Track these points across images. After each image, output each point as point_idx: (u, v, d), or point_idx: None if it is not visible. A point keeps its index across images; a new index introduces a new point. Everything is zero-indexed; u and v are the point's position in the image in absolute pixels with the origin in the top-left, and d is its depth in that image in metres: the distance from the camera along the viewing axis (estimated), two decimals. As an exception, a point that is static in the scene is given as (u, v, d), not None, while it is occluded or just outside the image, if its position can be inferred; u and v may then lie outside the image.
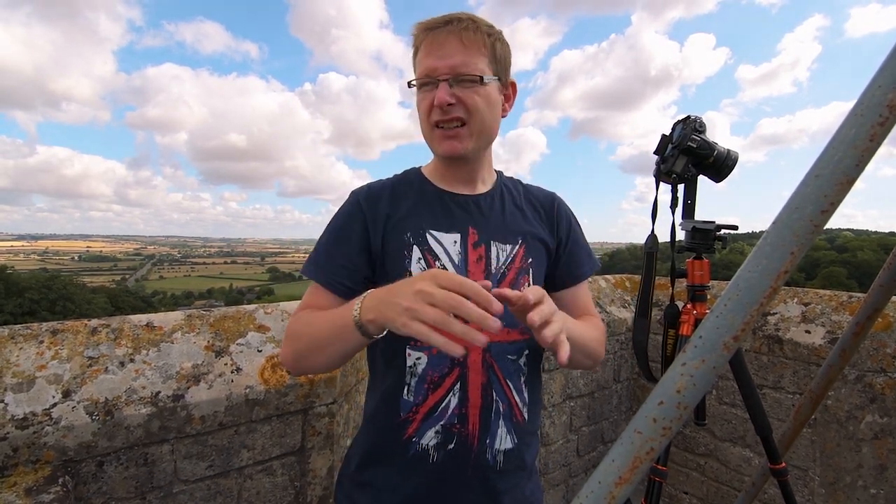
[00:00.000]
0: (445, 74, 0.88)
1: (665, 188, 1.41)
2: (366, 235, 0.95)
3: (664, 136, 1.39)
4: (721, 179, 1.40)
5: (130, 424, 1.21)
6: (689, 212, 1.41)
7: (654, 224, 1.40)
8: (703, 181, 1.41)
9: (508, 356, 0.92)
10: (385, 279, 0.93)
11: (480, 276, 0.92)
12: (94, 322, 1.38)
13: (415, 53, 0.95)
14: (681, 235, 1.43)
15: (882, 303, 1.06)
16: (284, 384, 1.44)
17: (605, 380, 2.72)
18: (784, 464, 1.34)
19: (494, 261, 0.94)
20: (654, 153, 1.40)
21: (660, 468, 1.28)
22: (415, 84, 0.93)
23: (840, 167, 0.40)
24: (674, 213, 1.41)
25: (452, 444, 0.87)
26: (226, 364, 1.41)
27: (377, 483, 0.92)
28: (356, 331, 0.76)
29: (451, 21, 0.89)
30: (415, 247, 0.93)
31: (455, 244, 0.94)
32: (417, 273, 0.91)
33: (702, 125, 1.35)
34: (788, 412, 2.12)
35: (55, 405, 1.16)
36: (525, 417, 0.94)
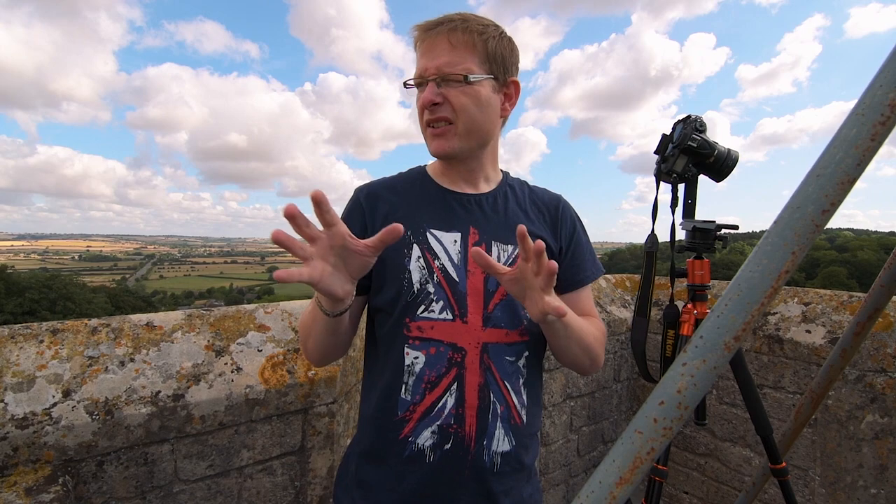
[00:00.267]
0: (433, 74, 0.90)
1: (665, 188, 1.41)
2: (364, 233, 0.95)
3: (664, 136, 1.38)
4: (721, 179, 1.40)
5: (130, 424, 1.21)
6: (690, 211, 1.41)
7: (655, 224, 1.39)
8: (704, 181, 1.41)
9: (507, 357, 0.92)
10: (384, 277, 0.93)
11: (480, 276, 0.91)
12: (95, 322, 1.38)
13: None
14: (681, 235, 1.42)
15: (883, 303, 1.06)
16: (285, 384, 1.44)
17: (606, 379, 2.72)
18: (784, 464, 1.34)
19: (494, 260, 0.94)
20: (655, 153, 1.40)
21: (660, 468, 1.28)
22: (410, 85, 0.95)
23: (841, 167, 0.40)
24: (674, 213, 1.41)
25: (449, 445, 0.87)
26: (226, 364, 1.41)
27: (373, 482, 0.92)
28: (317, 307, 0.82)
29: (443, 22, 0.91)
30: (415, 245, 0.93)
31: (455, 243, 0.93)
32: (416, 272, 0.91)
33: (702, 125, 1.35)
34: (789, 412, 2.12)
35: (55, 405, 1.16)
36: (523, 420, 0.93)
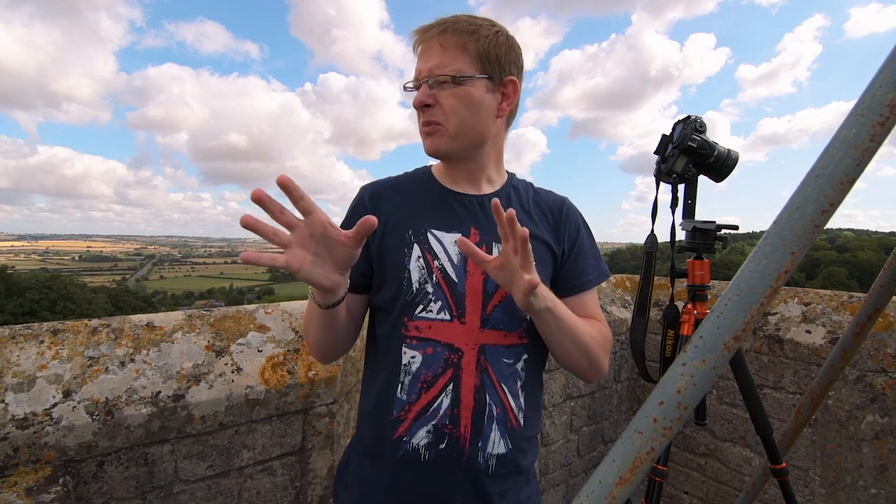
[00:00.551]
0: (426, 76, 0.92)
1: (665, 188, 1.41)
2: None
3: (664, 136, 1.38)
4: (721, 179, 1.40)
5: (131, 424, 1.21)
6: (690, 212, 1.41)
7: (654, 224, 1.39)
8: (704, 181, 1.41)
9: (504, 360, 0.91)
10: (384, 276, 0.93)
11: (479, 277, 0.91)
12: (95, 322, 1.38)
13: None
14: (681, 235, 1.42)
15: (883, 303, 1.06)
16: (285, 384, 1.44)
17: (606, 380, 2.72)
18: (784, 464, 1.34)
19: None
20: (655, 153, 1.40)
21: (660, 468, 1.28)
22: (410, 88, 0.96)
23: (841, 167, 0.40)
24: (674, 213, 1.41)
25: (443, 445, 0.87)
26: (226, 364, 1.41)
27: (370, 480, 0.92)
28: (311, 300, 0.84)
29: (436, 25, 0.92)
30: (415, 245, 0.93)
31: (455, 244, 0.93)
32: (415, 271, 0.91)
33: (702, 125, 1.35)
34: (789, 412, 2.12)
35: (56, 405, 1.16)
36: (520, 423, 0.92)
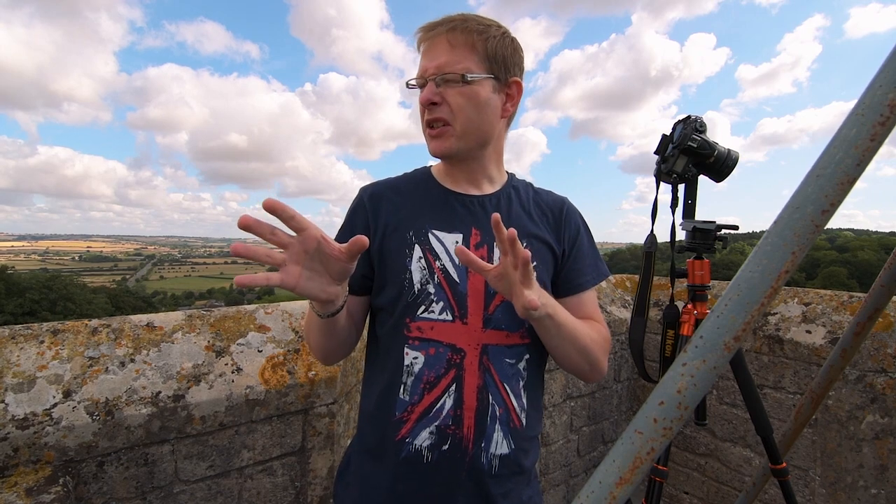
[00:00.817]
0: (432, 74, 0.90)
1: (665, 188, 1.41)
2: (367, 233, 0.95)
3: (665, 136, 1.38)
4: (721, 179, 1.40)
5: (131, 424, 1.21)
6: (690, 212, 1.41)
7: (654, 224, 1.39)
8: (704, 181, 1.41)
9: (506, 360, 0.91)
10: (385, 277, 0.93)
11: (481, 278, 0.91)
12: (95, 322, 1.38)
13: None
14: (681, 235, 1.42)
15: (883, 303, 1.06)
16: (285, 384, 1.44)
17: (606, 380, 2.72)
18: (785, 464, 1.34)
19: (496, 262, 0.93)
20: (655, 153, 1.40)
21: (660, 468, 1.28)
22: (413, 85, 0.95)
23: (841, 167, 0.39)
24: (674, 213, 1.41)
25: (446, 446, 0.87)
26: (226, 364, 1.41)
27: (371, 481, 0.92)
28: (310, 308, 0.84)
29: (443, 23, 0.91)
30: (416, 245, 0.93)
31: (457, 244, 0.93)
32: (417, 272, 0.91)
33: (702, 125, 1.35)
34: (789, 412, 2.12)
35: (56, 405, 1.16)
36: (523, 423, 0.92)
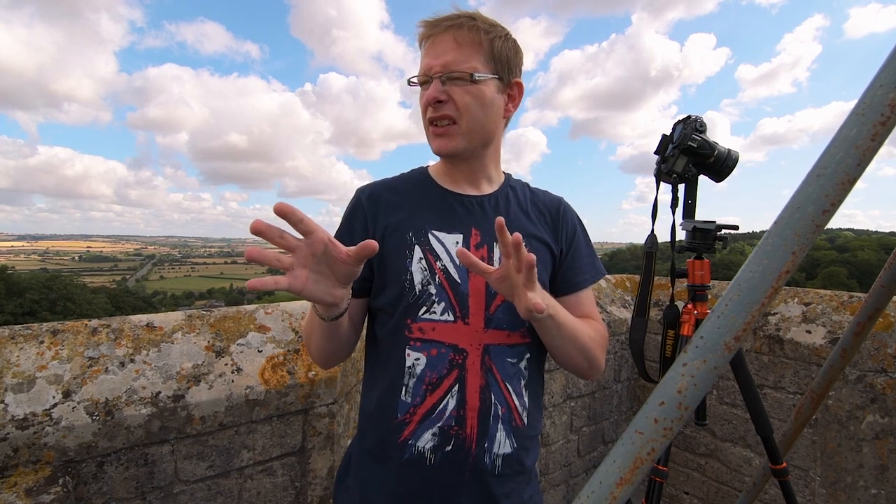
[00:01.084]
0: (438, 72, 0.89)
1: (665, 188, 1.41)
2: (365, 235, 0.95)
3: (665, 136, 1.38)
4: (721, 179, 1.40)
5: (131, 425, 1.21)
6: (690, 212, 1.41)
7: (654, 224, 1.39)
8: (704, 181, 1.41)
9: (508, 359, 0.91)
10: (385, 278, 0.93)
11: (482, 278, 0.91)
12: (95, 322, 1.38)
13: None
14: (681, 235, 1.42)
15: (883, 303, 1.06)
16: (285, 384, 1.44)
17: (606, 380, 2.72)
18: (785, 464, 1.34)
19: (496, 262, 0.93)
20: (655, 153, 1.40)
21: (660, 468, 1.28)
22: (414, 82, 0.94)
23: (841, 167, 0.39)
24: (674, 213, 1.41)
25: (450, 447, 0.87)
26: (226, 364, 1.41)
27: (372, 483, 0.91)
28: (313, 312, 0.83)
29: (448, 19, 0.90)
30: (416, 246, 0.92)
31: (457, 245, 0.93)
32: (418, 273, 0.91)
33: (702, 125, 1.35)
34: (789, 412, 2.12)
35: (55, 405, 1.16)
36: (524, 422, 0.92)
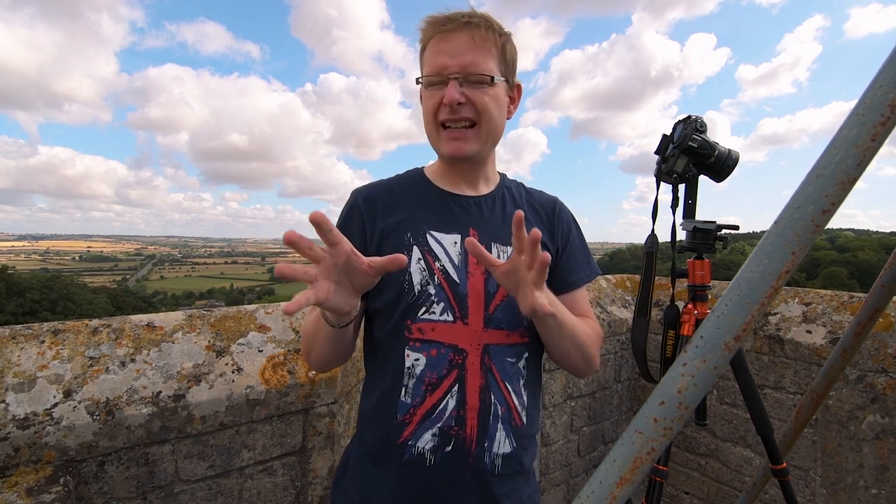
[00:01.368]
0: (456, 73, 0.86)
1: (666, 188, 1.41)
2: (363, 237, 0.95)
3: (665, 136, 1.38)
4: (722, 179, 1.40)
5: (131, 424, 1.21)
6: (690, 212, 1.41)
7: (655, 224, 1.40)
8: (704, 181, 1.41)
9: (507, 359, 0.91)
10: (384, 279, 0.93)
11: (480, 278, 0.91)
12: (95, 322, 1.38)
13: (422, 49, 0.93)
14: (682, 235, 1.43)
15: (883, 303, 1.06)
16: (285, 384, 1.44)
17: (606, 380, 2.72)
18: (785, 464, 1.34)
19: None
20: (655, 153, 1.40)
21: (661, 468, 1.28)
22: (432, 82, 0.90)
23: (842, 167, 0.39)
24: (674, 213, 1.41)
25: (450, 447, 0.86)
26: (227, 364, 1.41)
27: (372, 484, 0.91)
28: (321, 319, 0.81)
29: (461, 17, 0.87)
30: (415, 247, 0.92)
31: (455, 245, 0.93)
32: (417, 273, 0.91)
33: (703, 125, 1.35)
34: (789, 412, 2.12)
35: (56, 405, 1.16)
36: (524, 421, 0.93)
